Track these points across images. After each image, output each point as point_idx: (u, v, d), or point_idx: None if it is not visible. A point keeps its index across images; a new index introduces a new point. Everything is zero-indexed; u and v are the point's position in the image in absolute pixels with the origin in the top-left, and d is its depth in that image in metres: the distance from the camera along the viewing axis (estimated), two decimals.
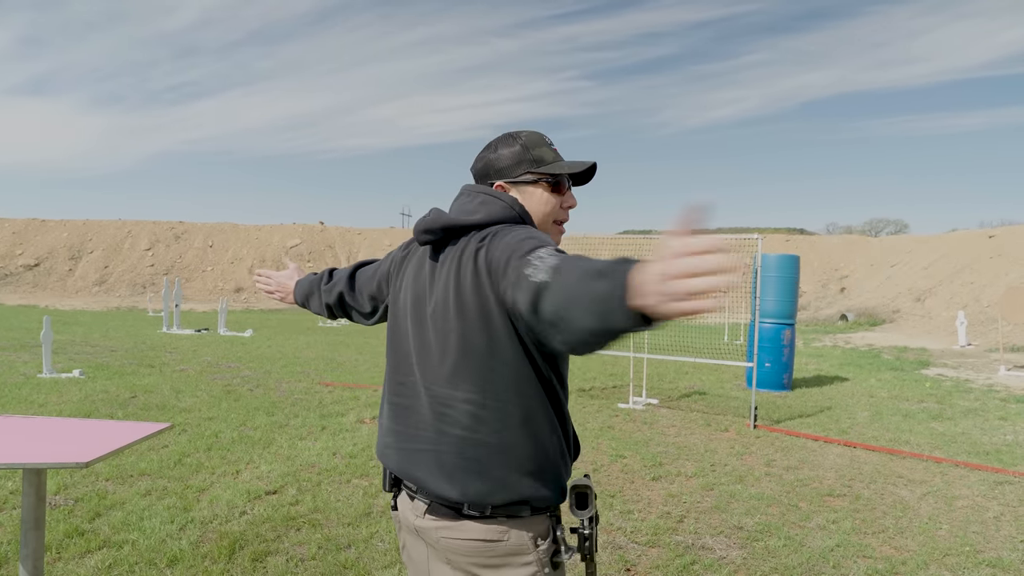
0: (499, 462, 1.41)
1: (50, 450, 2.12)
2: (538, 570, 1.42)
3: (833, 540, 4.11)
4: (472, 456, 1.42)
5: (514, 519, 1.42)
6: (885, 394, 9.71)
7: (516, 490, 1.41)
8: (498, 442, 1.42)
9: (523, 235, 1.39)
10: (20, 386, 8.07)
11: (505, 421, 1.42)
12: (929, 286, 25.34)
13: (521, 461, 1.42)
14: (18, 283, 30.68)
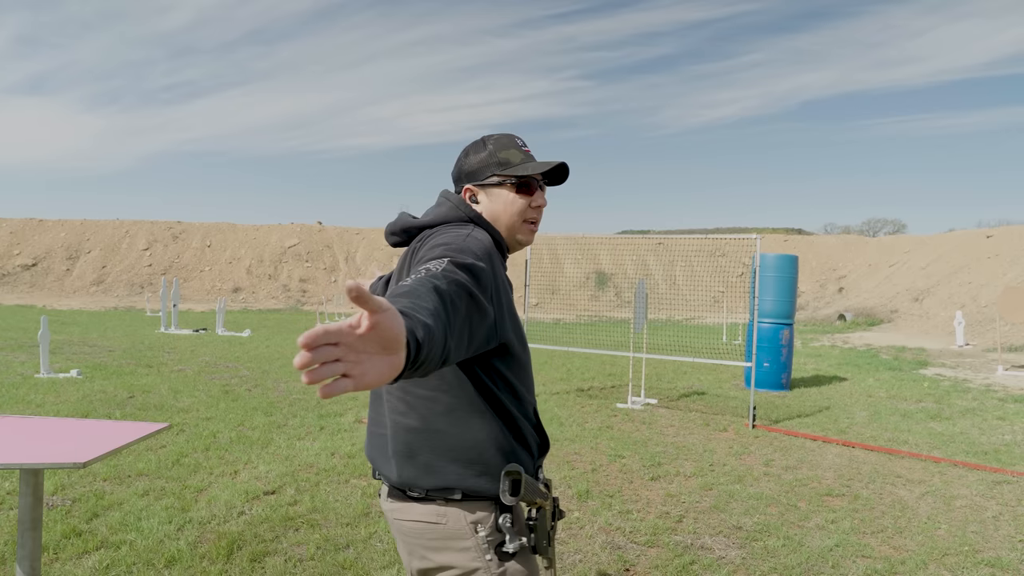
0: (426, 448, 1.49)
1: (47, 450, 2.11)
2: (477, 556, 1.47)
3: (832, 540, 4.11)
4: (404, 440, 1.52)
5: (452, 503, 1.48)
6: (883, 394, 9.72)
7: (443, 476, 1.48)
8: (424, 428, 1.50)
9: (444, 240, 1.46)
10: (17, 386, 8.05)
11: (431, 408, 1.50)
12: (927, 286, 25.37)
13: (448, 448, 1.48)
14: (15, 283, 30.61)
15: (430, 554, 1.52)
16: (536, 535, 1.52)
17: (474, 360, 1.49)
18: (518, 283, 31.54)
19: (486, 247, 1.50)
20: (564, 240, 27.34)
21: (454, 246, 1.44)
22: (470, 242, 1.48)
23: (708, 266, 30.65)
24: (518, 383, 1.55)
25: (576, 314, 27.59)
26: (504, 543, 1.47)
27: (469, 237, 1.50)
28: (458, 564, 1.49)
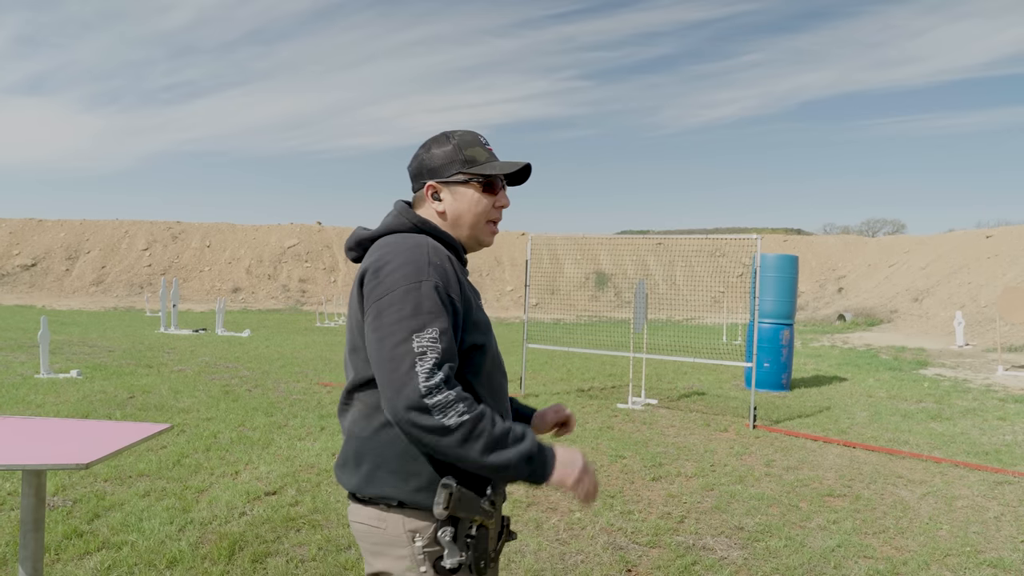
0: (369, 456, 1.50)
1: (50, 451, 2.10)
2: (412, 566, 1.46)
3: (834, 540, 4.11)
4: (353, 447, 1.53)
5: (393, 509, 1.47)
6: (884, 394, 9.72)
7: (379, 485, 1.48)
8: (369, 437, 1.50)
9: (390, 283, 1.42)
10: (17, 386, 8.04)
11: (370, 418, 1.50)
12: (927, 286, 25.37)
13: (385, 458, 1.48)
14: (15, 283, 30.59)
15: (371, 558, 1.52)
16: (474, 553, 1.46)
17: None
18: (518, 283, 31.52)
19: (436, 260, 1.47)
20: (564, 240, 27.38)
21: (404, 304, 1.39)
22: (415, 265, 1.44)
23: (708, 266, 30.67)
24: (479, 390, 1.52)
25: (576, 314, 27.58)
26: (443, 557, 1.44)
27: (417, 253, 1.46)
28: (394, 571, 1.48)
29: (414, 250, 1.47)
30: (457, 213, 1.61)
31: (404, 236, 1.54)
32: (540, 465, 1.41)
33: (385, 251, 1.49)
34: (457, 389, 1.36)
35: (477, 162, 1.60)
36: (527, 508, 4.50)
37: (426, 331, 1.37)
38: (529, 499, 4.67)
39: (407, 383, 1.33)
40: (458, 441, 1.33)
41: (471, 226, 1.62)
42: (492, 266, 33.22)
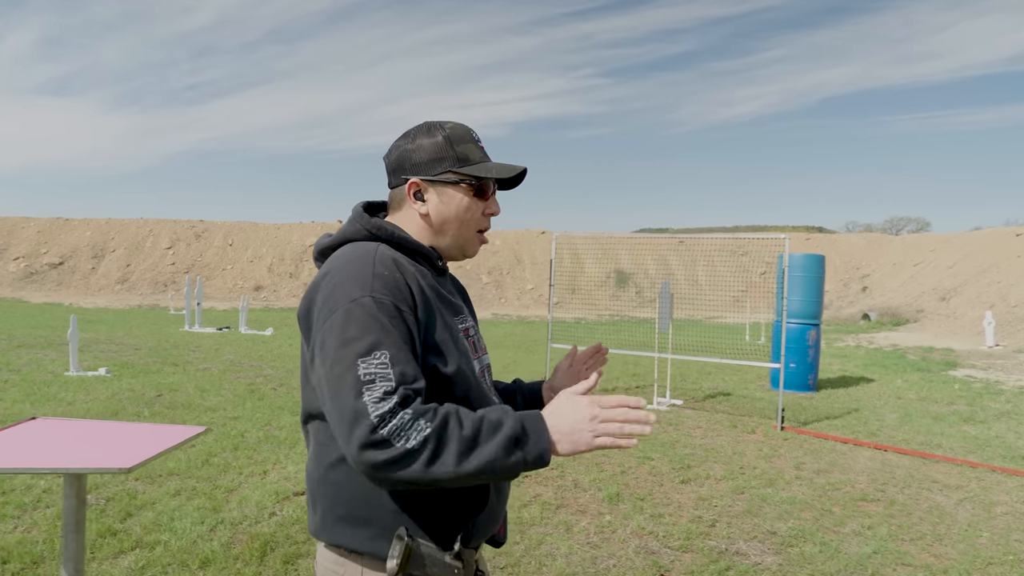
0: (318, 499, 1.33)
1: (92, 455, 2.10)
2: None
3: (870, 547, 4.03)
4: (309, 487, 1.37)
5: (351, 556, 1.30)
6: (913, 396, 9.57)
7: (332, 532, 1.31)
8: (317, 477, 1.33)
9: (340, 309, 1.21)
10: (49, 384, 8.14)
11: (319, 456, 1.33)
12: (954, 285, 24.98)
13: (335, 502, 1.30)
14: (43, 281, 31.06)
15: None
16: None
17: None
18: (538, 281, 31.47)
19: (382, 269, 1.27)
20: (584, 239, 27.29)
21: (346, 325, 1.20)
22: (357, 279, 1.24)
23: (729, 265, 30.41)
24: None
25: (597, 313, 27.49)
26: None
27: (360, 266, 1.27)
28: None
29: (357, 263, 1.28)
30: (443, 217, 1.41)
31: (354, 247, 1.35)
32: (534, 443, 1.17)
33: (328, 267, 1.31)
34: (414, 406, 1.15)
35: (470, 161, 1.40)
36: (556, 510, 4.47)
37: (373, 355, 1.16)
38: (558, 501, 4.64)
39: (357, 419, 1.13)
40: (427, 460, 1.12)
41: (456, 234, 1.42)
42: (512, 264, 33.19)
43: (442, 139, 1.39)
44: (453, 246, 1.44)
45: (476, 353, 1.44)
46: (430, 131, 1.41)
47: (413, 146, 1.40)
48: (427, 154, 1.39)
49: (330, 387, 1.18)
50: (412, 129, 1.44)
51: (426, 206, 1.40)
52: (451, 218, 1.41)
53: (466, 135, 1.42)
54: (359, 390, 1.14)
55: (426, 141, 1.40)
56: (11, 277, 31.10)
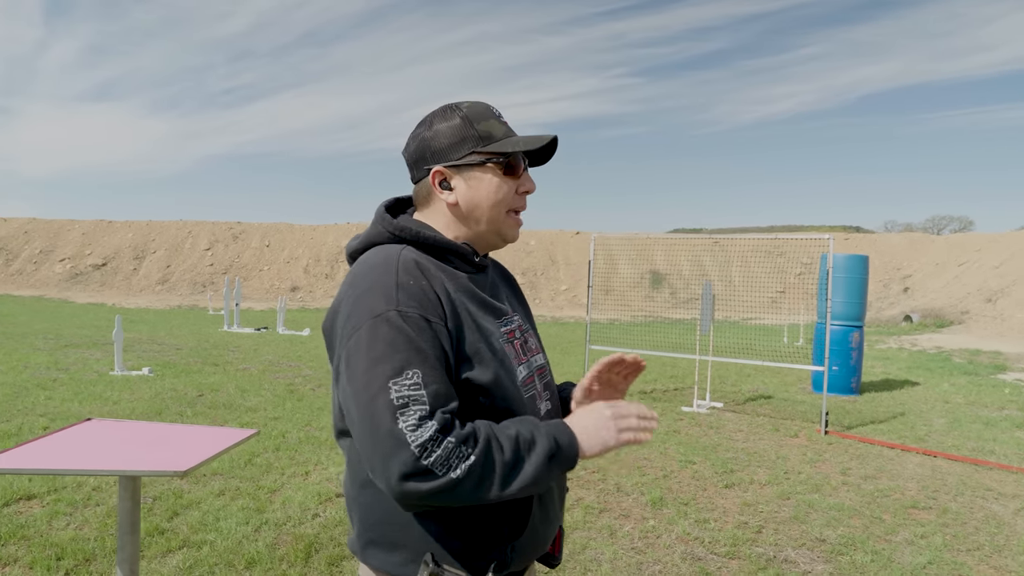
0: (354, 517, 1.30)
1: (146, 457, 2.12)
2: None
3: (924, 557, 3.91)
4: (346, 500, 1.33)
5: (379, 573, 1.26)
6: (961, 400, 9.30)
7: (364, 552, 1.27)
8: (352, 496, 1.29)
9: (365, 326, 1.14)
10: (94, 383, 8.31)
11: (353, 474, 1.28)
12: (1001, 286, 24.29)
13: (367, 524, 1.26)
14: (87, 282, 31.85)
15: None
16: None
17: None
18: (572, 282, 31.34)
19: (407, 278, 1.19)
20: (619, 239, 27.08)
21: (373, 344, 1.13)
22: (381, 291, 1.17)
23: (765, 266, 29.96)
24: None
25: (631, 314, 27.30)
26: None
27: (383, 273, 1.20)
28: None
29: (379, 269, 1.21)
30: (473, 203, 1.30)
31: (377, 251, 1.27)
32: (567, 454, 1.17)
33: (351, 276, 1.25)
34: (456, 432, 1.10)
35: (494, 138, 1.29)
36: (599, 514, 4.42)
37: (405, 375, 1.10)
38: (601, 505, 4.59)
39: (395, 448, 1.06)
40: (472, 488, 1.09)
41: (490, 219, 1.31)
42: (547, 265, 33.15)
43: (460, 120, 1.29)
44: (489, 232, 1.33)
45: (523, 357, 1.34)
46: (446, 114, 1.31)
47: (431, 133, 1.31)
48: (447, 138, 1.29)
49: (360, 411, 1.11)
50: (428, 115, 1.34)
51: (454, 194, 1.30)
52: (482, 202, 1.30)
53: (486, 111, 1.32)
54: (393, 415, 1.07)
55: (443, 125, 1.30)
56: (57, 278, 31.95)
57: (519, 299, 1.50)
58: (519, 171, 1.32)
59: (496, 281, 1.42)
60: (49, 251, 34.01)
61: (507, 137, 1.30)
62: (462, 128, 1.29)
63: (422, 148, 1.31)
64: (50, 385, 8.07)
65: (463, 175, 1.30)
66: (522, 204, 1.35)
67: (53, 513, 4.06)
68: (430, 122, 1.32)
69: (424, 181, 1.33)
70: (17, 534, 3.74)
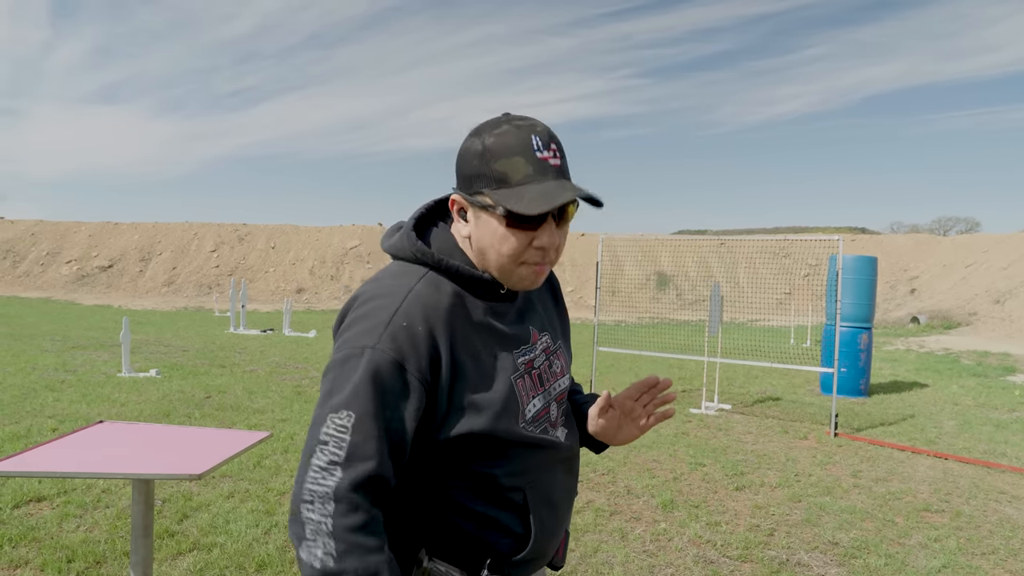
0: None
1: (160, 460, 2.11)
2: None
3: (939, 560, 3.88)
4: None
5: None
6: (970, 402, 9.25)
7: None
8: None
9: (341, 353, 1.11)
10: (102, 384, 8.32)
11: None
12: (1010, 287, 24.18)
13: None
14: (94, 284, 31.95)
15: None
16: None
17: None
18: (578, 283, 31.30)
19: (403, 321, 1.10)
20: (624, 241, 27.07)
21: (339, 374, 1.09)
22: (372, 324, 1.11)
23: (772, 267, 29.88)
24: (488, 468, 1.17)
25: (637, 316, 27.26)
26: None
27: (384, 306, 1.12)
28: None
29: (384, 299, 1.13)
30: (481, 245, 1.17)
31: (399, 270, 1.20)
32: None
33: (362, 290, 1.18)
34: (352, 518, 1.02)
35: (508, 182, 1.11)
36: (610, 517, 4.40)
37: (340, 413, 1.05)
38: (612, 508, 4.56)
39: (300, 477, 1.05)
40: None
41: (498, 267, 1.17)
42: None
43: (481, 150, 1.13)
44: (501, 278, 1.19)
45: (540, 387, 1.24)
46: (477, 135, 1.15)
47: (461, 151, 1.17)
48: (466, 167, 1.15)
49: (310, 426, 1.10)
50: (479, 125, 1.18)
51: (467, 227, 1.18)
52: (487, 247, 1.16)
53: (516, 145, 1.12)
54: (312, 449, 1.05)
55: (467, 149, 1.16)
56: (64, 280, 32.06)
57: (558, 307, 1.42)
58: (535, 223, 1.13)
59: (530, 298, 1.32)
60: (56, 253, 34.13)
61: (528, 182, 1.11)
62: (479, 161, 1.13)
63: (457, 164, 1.19)
64: (58, 387, 8.08)
65: (474, 211, 1.16)
66: (538, 258, 1.16)
67: (63, 515, 4.05)
68: (468, 137, 1.18)
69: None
70: (28, 536, 3.73)
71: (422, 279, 1.17)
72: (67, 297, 28.74)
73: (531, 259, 1.15)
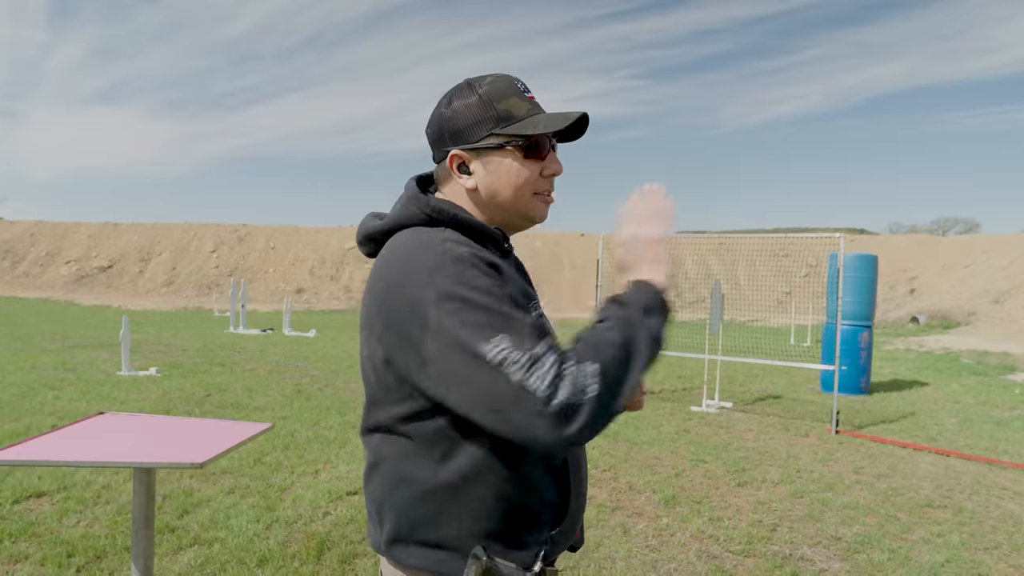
0: (386, 516, 1.21)
1: (162, 450, 2.09)
2: None
3: (942, 555, 3.87)
4: (368, 500, 1.26)
5: (419, 573, 1.17)
6: (971, 400, 9.24)
7: (401, 552, 1.19)
8: (386, 494, 1.21)
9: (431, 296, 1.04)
10: (102, 383, 8.30)
11: (388, 471, 1.20)
12: (1009, 287, 24.18)
13: (405, 521, 1.18)
14: (93, 284, 31.92)
15: None
16: None
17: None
18: (578, 283, 31.29)
19: (457, 250, 1.09)
20: None
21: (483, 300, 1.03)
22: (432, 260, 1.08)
23: (771, 267, 29.86)
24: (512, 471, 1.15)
25: None
26: None
27: (426, 255, 1.09)
28: None
29: (426, 250, 1.10)
30: (492, 189, 1.21)
31: (414, 234, 1.16)
32: (653, 304, 1.09)
33: (389, 258, 1.15)
34: (562, 353, 1.00)
35: (514, 118, 1.20)
36: (612, 512, 4.38)
37: (494, 329, 1.01)
38: (613, 503, 4.55)
39: (518, 398, 0.97)
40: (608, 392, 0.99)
41: (512, 203, 1.22)
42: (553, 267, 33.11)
43: (478, 98, 1.20)
44: (514, 215, 1.24)
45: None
46: (465, 91, 1.22)
47: (449, 112, 1.22)
48: (465, 119, 1.20)
49: (460, 376, 1.01)
50: (450, 91, 1.25)
51: (472, 179, 1.22)
52: (501, 187, 1.21)
53: (508, 88, 1.22)
54: (499, 367, 0.98)
55: (461, 103, 1.21)
56: (63, 280, 32.03)
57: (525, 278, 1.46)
58: (544, 152, 1.22)
59: (519, 267, 1.37)
60: (55, 253, 34.11)
61: (530, 116, 1.20)
62: (480, 108, 1.20)
63: (440, 127, 1.23)
64: (58, 385, 8.06)
65: (482, 159, 1.21)
66: (548, 186, 1.26)
67: (63, 511, 4.04)
68: (449, 99, 1.23)
69: (443, 163, 1.25)
70: (27, 531, 3.72)
71: (445, 232, 1.15)
72: (66, 297, 28.71)
73: (542, 188, 1.24)
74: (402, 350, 1.08)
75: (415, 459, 1.14)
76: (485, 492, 1.13)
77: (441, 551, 1.14)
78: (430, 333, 1.03)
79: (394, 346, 1.10)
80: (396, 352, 1.10)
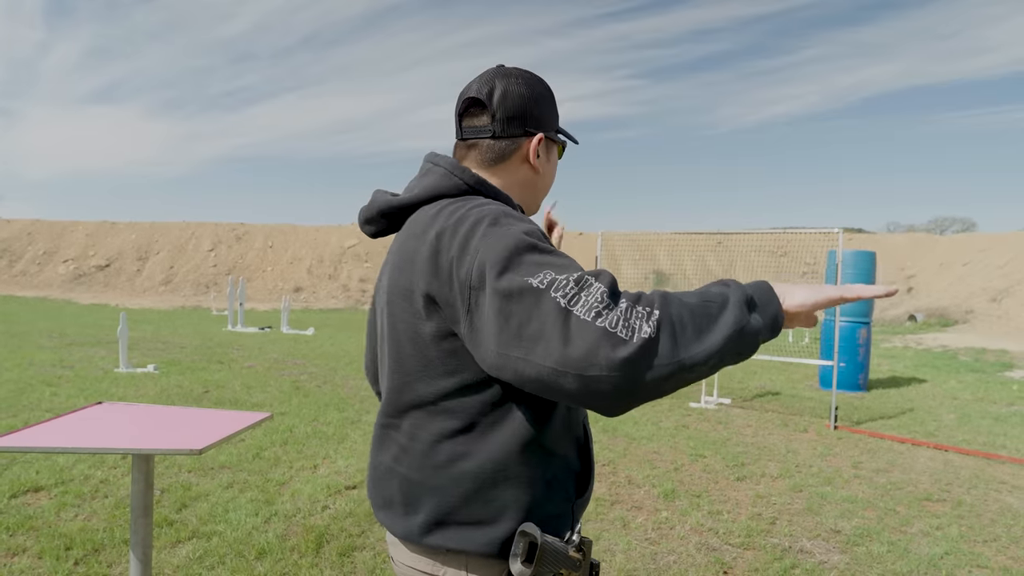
0: (423, 501, 1.18)
1: (161, 437, 2.08)
2: None
3: (941, 547, 3.87)
4: (394, 486, 1.21)
5: (457, 556, 1.14)
6: (969, 396, 9.25)
7: (440, 537, 1.15)
8: (421, 476, 1.17)
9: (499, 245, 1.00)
10: (100, 380, 8.29)
11: (427, 454, 1.16)
12: (1006, 286, 24.22)
13: (448, 505, 1.15)
14: (91, 283, 31.85)
15: None
16: None
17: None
18: None
19: (531, 226, 1.07)
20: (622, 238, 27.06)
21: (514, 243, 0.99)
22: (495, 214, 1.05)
23: (769, 265, 29.87)
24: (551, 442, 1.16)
25: None
26: None
27: (489, 211, 1.07)
28: None
29: (473, 215, 1.06)
30: (546, 180, 1.28)
31: (455, 204, 1.12)
32: (766, 303, 1.01)
33: (425, 226, 1.10)
34: (627, 295, 0.96)
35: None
36: (611, 506, 4.38)
37: (547, 269, 0.96)
38: (613, 497, 4.55)
39: (584, 336, 0.90)
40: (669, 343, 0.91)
41: (538, 199, 1.30)
42: None
43: (548, 91, 1.26)
44: (531, 210, 1.30)
45: None
46: (538, 80, 1.24)
47: (532, 95, 1.20)
48: (543, 107, 1.22)
49: (522, 328, 0.94)
50: (511, 72, 1.21)
51: (537, 166, 1.24)
52: (548, 182, 1.30)
53: None
54: (564, 310, 0.92)
55: (541, 91, 1.23)
56: (60, 279, 31.96)
57: None
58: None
59: None
60: (52, 252, 34.04)
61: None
62: (552, 102, 1.26)
63: (523, 106, 1.20)
64: (55, 382, 8.04)
65: (548, 150, 1.27)
66: None
67: (61, 504, 4.02)
68: (527, 81, 1.21)
69: (512, 141, 1.21)
70: (25, 525, 3.70)
71: (493, 203, 1.11)
72: (64, 296, 28.66)
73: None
74: (460, 314, 1.04)
75: (461, 436, 1.11)
76: (529, 465, 1.11)
77: (489, 528, 1.12)
78: (499, 293, 0.97)
79: (449, 313, 1.06)
80: (450, 319, 1.06)
